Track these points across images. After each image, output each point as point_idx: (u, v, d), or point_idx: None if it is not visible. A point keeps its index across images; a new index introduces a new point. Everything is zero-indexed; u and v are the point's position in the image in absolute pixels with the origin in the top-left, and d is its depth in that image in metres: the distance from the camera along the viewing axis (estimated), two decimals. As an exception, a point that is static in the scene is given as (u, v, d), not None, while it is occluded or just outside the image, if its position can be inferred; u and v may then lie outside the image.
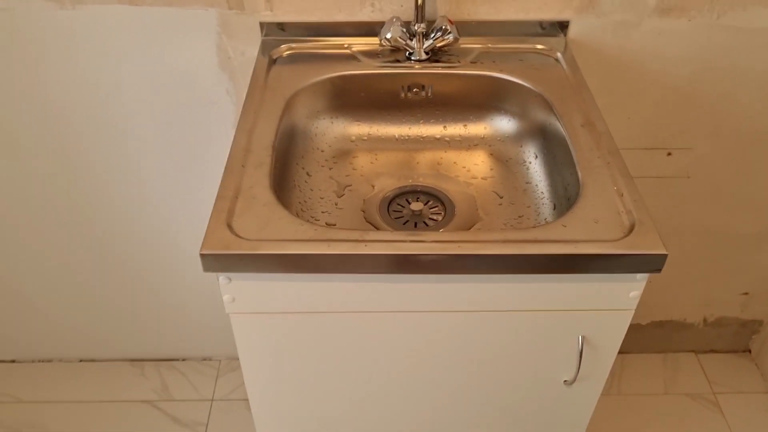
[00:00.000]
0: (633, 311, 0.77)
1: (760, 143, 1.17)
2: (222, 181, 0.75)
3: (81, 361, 1.56)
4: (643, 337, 1.55)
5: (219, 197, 0.73)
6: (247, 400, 1.44)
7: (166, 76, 1.06)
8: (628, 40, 1.03)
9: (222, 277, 0.71)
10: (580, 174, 0.78)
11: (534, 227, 0.71)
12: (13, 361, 1.56)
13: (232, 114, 1.11)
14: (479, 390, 0.87)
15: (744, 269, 1.40)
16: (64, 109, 1.10)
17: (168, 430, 1.43)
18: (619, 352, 1.59)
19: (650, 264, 0.68)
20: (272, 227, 0.70)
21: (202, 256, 0.67)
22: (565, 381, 0.86)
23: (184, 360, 1.56)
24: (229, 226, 0.70)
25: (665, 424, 1.45)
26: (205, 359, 1.57)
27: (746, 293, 1.46)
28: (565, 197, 0.84)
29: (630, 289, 0.73)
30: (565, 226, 0.71)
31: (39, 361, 1.56)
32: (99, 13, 0.99)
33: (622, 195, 0.74)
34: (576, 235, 0.69)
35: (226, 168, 0.77)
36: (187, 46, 1.03)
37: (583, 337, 0.79)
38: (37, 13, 0.99)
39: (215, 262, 0.67)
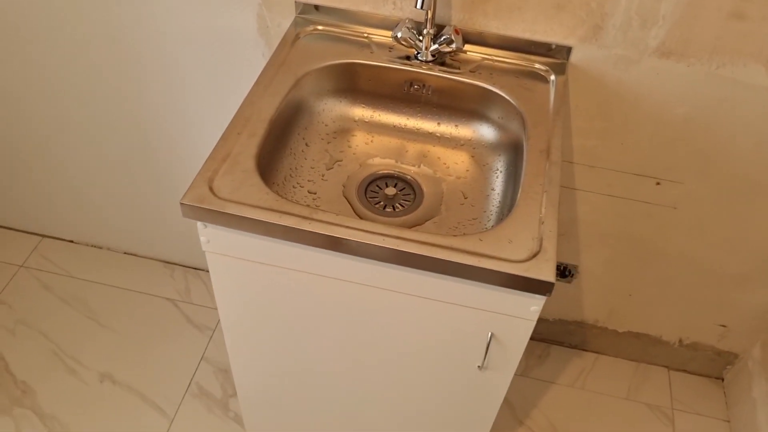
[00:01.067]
0: (534, 322, 0.88)
1: (749, 189, 1.22)
2: (216, 144, 0.91)
3: (125, 253, 1.82)
4: (619, 343, 1.64)
5: (209, 158, 0.89)
6: (250, 317, 1.64)
7: (211, 37, 1.22)
8: (627, 73, 1.09)
9: (200, 223, 0.88)
10: (519, 195, 0.89)
11: (455, 236, 0.84)
12: (71, 241, 1.83)
13: (265, 74, 1.27)
14: (408, 361, 1.02)
15: (724, 303, 1.46)
16: (132, 42, 1.28)
17: (182, 327, 1.67)
18: (594, 352, 1.70)
19: (539, 288, 0.80)
20: (243, 191, 0.86)
21: (182, 204, 0.84)
22: (479, 366, 0.99)
23: (207, 271, 1.79)
24: (210, 184, 0.86)
25: (615, 426, 1.56)
26: (225, 274, 1.78)
27: (724, 326, 1.51)
28: (508, 210, 0.95)
29: (530, 304, 0.85)
30: (481, 240, 0.83)
31: (92, 245, 1.83)
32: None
33: (543, 223, 0.85)
34: (486, 250, 0.81)
35: (223, 133, 0.93)
36: (231, 13, 1.18)
37: (492, 334, 0.92)
38: (114, -37, 1.16)
39: (191, 211, 0.84)
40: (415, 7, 0.93)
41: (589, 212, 1.33)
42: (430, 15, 1.04)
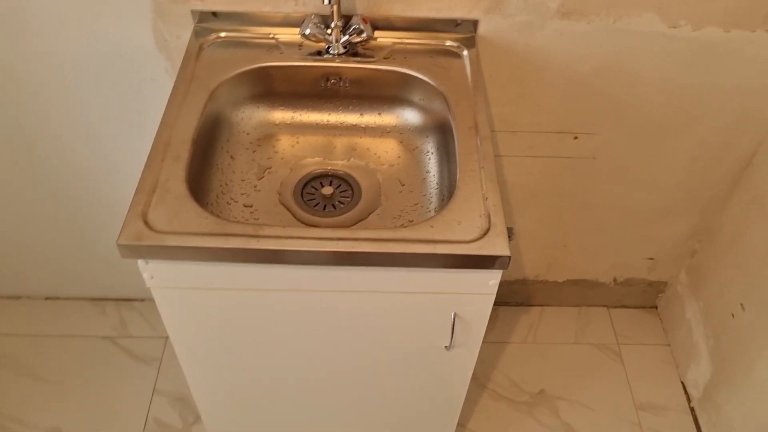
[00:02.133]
0: (494, 294, 0.90)
1: (658, 130, 1.29)
2: (141, 174, 0.87)
3: (46, 298, 1.71)
4: (561, 293, 1.71)
5: (137, 190, 0.85)
6: (196, 339, 1.58)
7: (106, 55, 1.15)
8: (532, 38, 1.12)
9: (140, 261, 0.83)
10: (458, 176, 0.90)
11: (404, 227, 0.84)
12: (-16, 297, 1.70)
13: (170, 89, 1.20)
14: (376, 356, 1.02)
15: (649, 238, 1.55)
16: (25, 74, 1.18)
17: (126, 363, 1.59)
18: (539, 305, 1.76)
19: (497, 263, 0.82)
20: (180, 219, 0.82)
21: (119, 245, 0.79)
22: (446, 347, 1.00)
23: (142, 300, 1.71)
24: (144, 218, 0.82)
25: (570, 370, 1.63)
26: (161, 300, 1.71)
27: (652, 258, 1.61)
28: (449, 192, 0.96)
29: (488, 278, 0.87)
30: (432, 227, 0.83)
31: (7, 297, 1.70)
32: (40, -3, 1.07)
33: (487, 199, 0.87)
34: (438, 236, 0.82)
35: (146, 162, 0.88)
36: (125, 28, 1.11)
37: (455, 314, 0.93)
38: (-18, -5, 1.06)
39: (130, 251, 0.80)
40: (323, 3, 0.91)
41: (517, 175, 1.37)
42: (335, 8, 1.02)
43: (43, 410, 1.50)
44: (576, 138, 1.30)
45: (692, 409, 1.56)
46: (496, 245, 0.81)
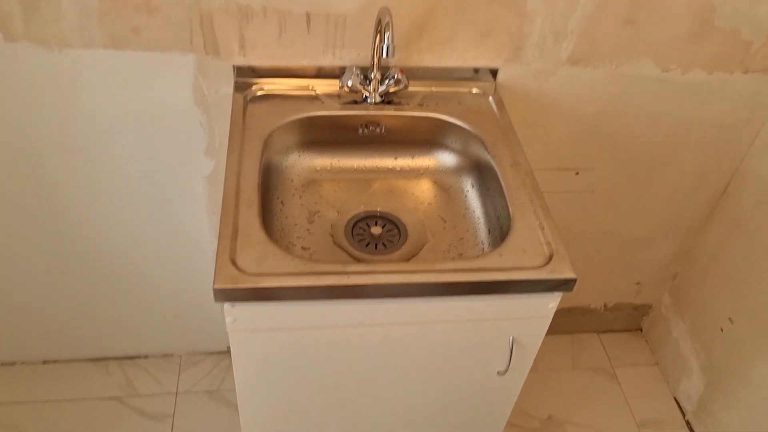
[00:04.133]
0: (551, 317, 0.98)
1: (647, 166, 1.42)
2: (221, 221, 0.90)
3: (45, 362, 1.64)
4: (555, 322, 1.80)
5: (221, 236, 0.87)
6: (210, 392, 1.59)
7: (145, 110, 1.17)
8: (545, 84, 1.24)
9: (227, 304, 0.86)
10: (510, 209, 0.98)
11: (477, 257, 0.90)
12: (-26, 365, 1.62)
13: (204, 142, 1.24)
14: (435, 382, 1.07)
15: (636, 264, 1.67)
16: (51, 139, 1.19)
17: (137, 423, 1.55)
18: (535, 335, 1.82)
19: (564, 286, 0.89)
20: (269, 262, 0.85)
21: (215, 290, 0.82)
22: (498, 372, 1.06)
23: (146, 357, 1.68)
24: (233, 262, 0.85)
25: (573, 394, 1.71)
26: (166, 355, 1.69)
27: (638, 283, 1.74)
28: (498, 224, 1.04)
29: (549, 301, 0.94)
30: (500, 255, 0.90)
31: (1, 364, 1.63)
32: (83, 56, 1.09)
33: (543, 229, 0.95)
34: (509, 263, 0.89)
35: (222, 209, 0.91)
36: (165, 85, 1.14)
37: (512, 338, 1.00)
38: (25, 55, 1.07)
39: (224, 295, 0.82)
40: (385, 56, 0.99)
41: (524, 211, 1.47)
42: (376, 60, 1.10)
43: (55, 479, 1.44)
44: (577, 173, 1.42)
45: (687, 423, 1.67)
46: (564, 269, 0.89)
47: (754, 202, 1.41)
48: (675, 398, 1.72)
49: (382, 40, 1.00)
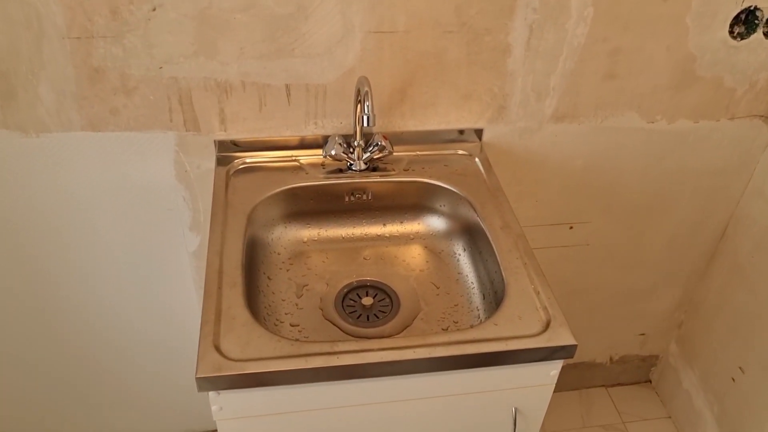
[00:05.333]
0: (554, 384, 0.93)
1: (641, 216, 1.40)
2: (203, 305, 0.86)
3: (32, 452, 1.58)
4: (561, 378, 1.75)
5: (204, 322, 0.84)
6: (207, 475, 1.51)
7: (126, 189, 1.16)
8: (531, 141, 1.23)
9: (212, 393, 0.82)
10: (503, 274, 0.95)
11: (472, 327, 0.87)
12: (-41, 459, 1.55)
13: (189, 218, 1.22)
14: (432, 459, 1.02)
15: (640, 315, 1.63)
16: (27, 221, 1.17)
17: None
18: (541, 394, 1.76)
19: (564, 352, 0.86)
20: (254, 345, 0.82)
21: (198, 379, 0.78)
22: (503, 444, 1.01)
23: (138, 441, 1.61)
24: (217, 348, 0.81)
25: (585, 455, 1.65)
26: (161, 438, 1.62)
27: (643, 334, 1.69)
28: (492, 289, 1.00)
29: (550, 369, 0.90)
30: (496, 324, 0.87)
31: (-13, 456, 1.56)
32: (62, 140, 1.08)
33: (539, 293, 0.91)
34: (505, 332, 0.85)
35: (204, 292, 0.88)
36: (146, 163, 1.13)
37: (515, 408, 0.95)
38: (2, 142, 1.06)
39: (208, 383, 0.78)
40: (366, 125, 0.98)
41: (520, 268, 1.44)
42: (359, 128, 1.09)
43: None
44: (571, 228, 1.40)
45: (707, 478, 1.60)
46: (562, 335, 0.85)
47: (752, 246, 1.38)
48: (691, 453, 1.65)
49: (362, 110, 0.99)
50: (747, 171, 1.36)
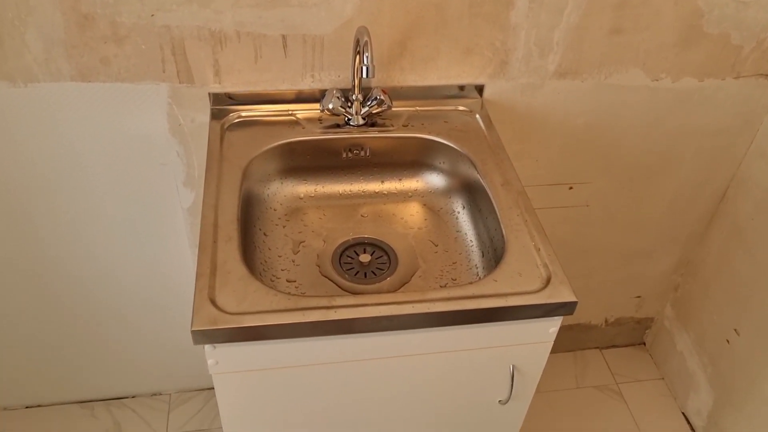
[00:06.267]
0: (552, 341, 0.93)
1: (642, 177, 1.39)
2: (198, 258, 0.85)
3: (27, 407, 1.58)
4: (556, 340, 1.75)
5: (199, 275, 0.82)
6: (201, 430, 1.52)
7: (119, 143, 1.13)
8: (533, 98, 1.20)
9: (208, 346, 0.80)
10: (504, 231, 0.94)
11: (471, 283, 0.86)
12: (-46, 415, 1.55)
13: (183, 173, 1.19)
14: (433, 415, 1.01)
15: (637, 277, 1.63)
16: (17, 175, 1.14)
17: (125, 467, 1.48)
18: (536, 355, 1.77)
19: (564, 309, 0.85)
20: (250, 300, 0.80)
21: (194, 332, 0.76)
22: (500, 401, 1.01)
23: (134, 397, 1.61)
24: (213, 302, 0.80)
25: (578, 414, 1.66)
26: (154, 395, 1.62)
27: (639, 296, 1.69)
28: (491, 247, 0.99)
29: (549, 326, 0.89)
30: (496, 281, 0.86)
31: (-18, 412, 1.56)
32: (51, 90, 1.05)
33: (539, 250, 0.90)
34: (505, 289, 0.84)
35: (199, 245, 0.86)
36: (138, 116, 1.10)
37: (513, 366, 0.95)
38: (-10, 91, 1.03)
39: (204, 336, 0.77)
40: (365, 76, 0.95)
41: (518, 228, 1.42)
42: (357, 82, 1.06)
43: None
44: (571, 188, 1.38)
45: (698, 438, 1.62)
46: (563, 292, 0.84)
47: (753, 208, 1.37)
48: (683, 413, 1.67)
49: (361, 60, 0.96)
50: (750, 131, 1.34)
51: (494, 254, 0.97)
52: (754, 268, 1.38)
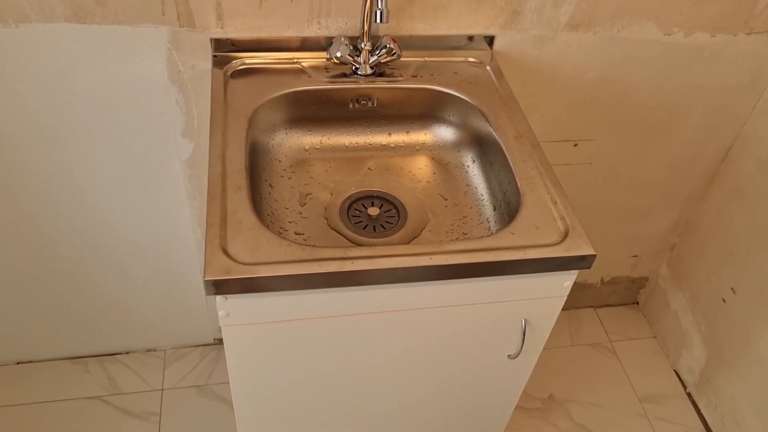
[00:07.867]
0: (566, 296, 0.92)
1: (647, 134, 1.37)
2: (208, 206, 0.82)
3: (19, 363, 1.55)
4: (551, 298, 1.76)
5: (209, 224, 0.80)
6: (197, 386, 1.52)
7: (115, 89, 1.08)
8: (544, 51, 1.17)
9: (219, 297, 0.78)
10: (519, 184, 0.92)
11: (488, 236, 0.84)
12: (-57, 371, 1.52)
13: (182, 122, 1.15)
14: (442, 370, 1.01)
15: (634, 236, 1.63)
16: (8, 119, 1.09)
17: (121, 422, 1.47)
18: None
19: (584, 262, 0.83)
20: (263, 250, 0.78)
21: (207, 282, 0.74)
22: (509, 355, 1.01)
23: (128, 353, 1.59)
24: (225, 251, 0.77)
25: (573, 372, 1.68)
26: (149, 350, 1.60)
27: (635, 256, 1.69)
28: (504, 200, 0.97)
29: (564, 280, 0.89)
30: (513, 234, 0.84)
31: (-27, 367, 1.53)
32: (45, 31, 0.99)
33: (556, 203, 0.89)
34: (522, 242, 0.83)
35: (208, 193, 0.83)
36: (136, 62, 1.05)
37: (525, 320, 0.94)
38: (-21, 31, 0.97)
39: (218, 287, 0.75)
40: (376, 21, 0.91)
41: (522, 185, 1.41)
42: (366, 28, 1.02)
43: (37, 487, 1.35)
44: (576, 145, 1.36)
45: (689, 395, 1.64)
46: (582, 245, 0.83)
47: (756, 167, 1.37)
48: (675, 371, 1.69)
49: (374, 3, 0.92)
50: (758, 89, 1.32)
51: (507, 208, 0.95)
52: (754, 226, 1.38)
